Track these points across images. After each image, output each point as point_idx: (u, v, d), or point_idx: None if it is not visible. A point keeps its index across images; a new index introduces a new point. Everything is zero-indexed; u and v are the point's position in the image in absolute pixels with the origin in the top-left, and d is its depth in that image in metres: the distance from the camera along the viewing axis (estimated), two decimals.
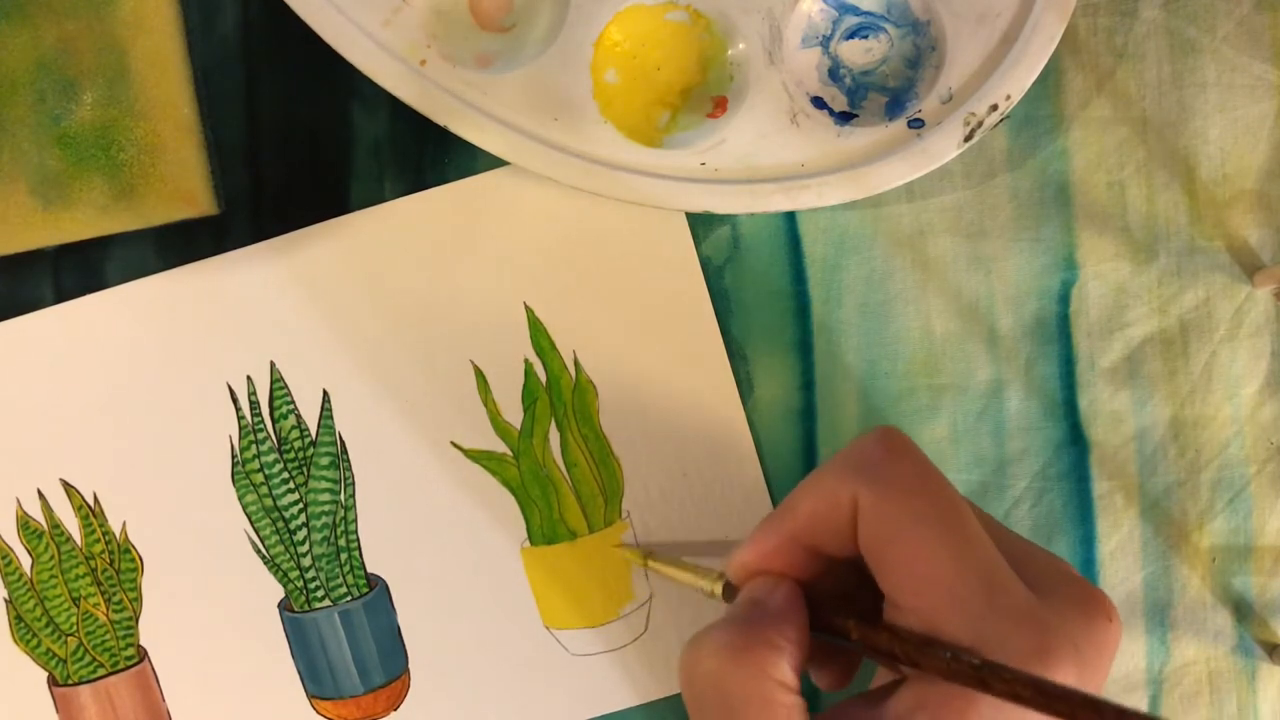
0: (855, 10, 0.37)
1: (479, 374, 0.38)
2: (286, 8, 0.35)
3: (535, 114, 0.36)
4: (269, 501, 0.38)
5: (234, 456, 0.38)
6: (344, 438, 0.38)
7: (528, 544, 0.38)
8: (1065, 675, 0.26)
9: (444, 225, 0.38)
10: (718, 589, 0.32)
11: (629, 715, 0.38)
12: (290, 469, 0.38)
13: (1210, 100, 0.38)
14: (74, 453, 0.38)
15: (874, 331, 0.38)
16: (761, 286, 0.38)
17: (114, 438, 0.38)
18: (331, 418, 0.38)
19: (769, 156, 0.36)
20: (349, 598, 0.38)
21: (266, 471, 0.38)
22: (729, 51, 0.37)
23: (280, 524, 0.38)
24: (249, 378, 0.38)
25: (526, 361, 0.38)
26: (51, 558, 0.38)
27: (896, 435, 0.29)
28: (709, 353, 0.38)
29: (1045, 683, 0.25)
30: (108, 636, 0.38)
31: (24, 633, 0.38)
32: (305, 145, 0.38)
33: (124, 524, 0.38)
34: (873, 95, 0.37)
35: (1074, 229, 0.38)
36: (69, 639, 0.38)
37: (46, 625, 0.38)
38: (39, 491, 0.38)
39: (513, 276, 0.38)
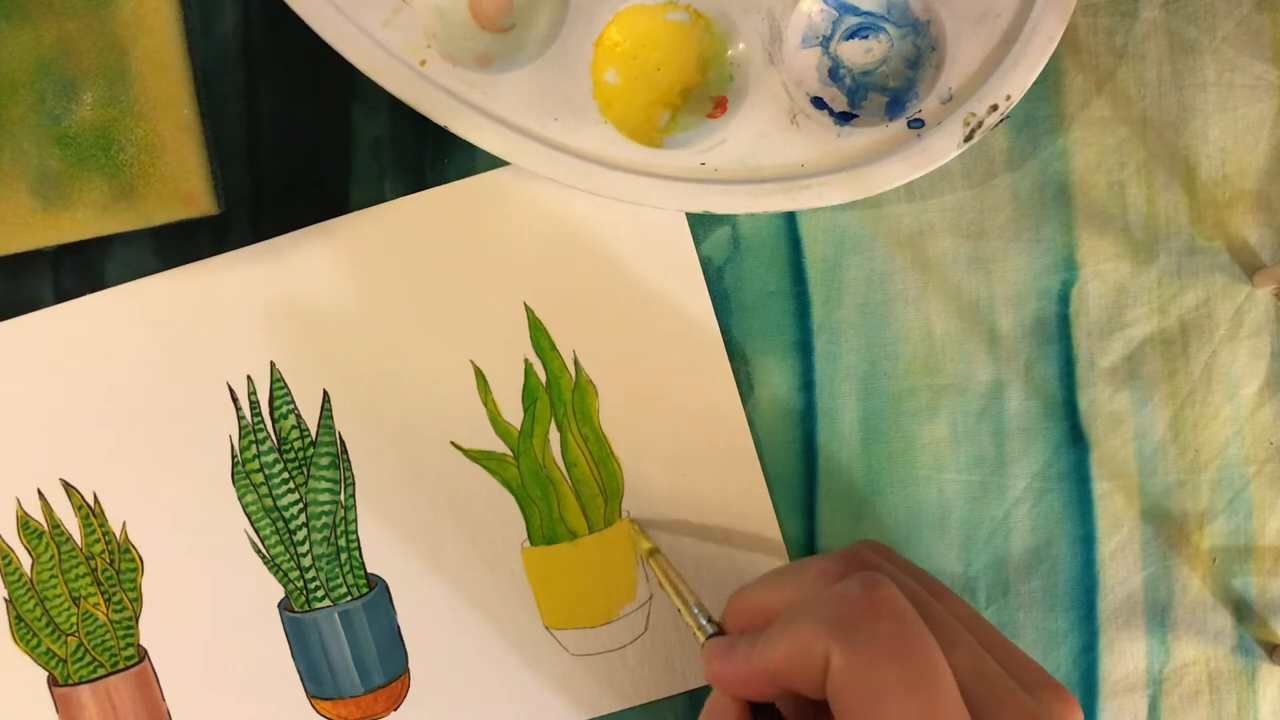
0: (855, 10, 0.37)
1: (479, 374, 0.38)
2: (286, 8, 0.35)
3: (535, 114, 0.36)
4: (269, 501, 0.38)
5: (234, 456, 0.38)
6: (344, 438, 0.38)
7: (528, 544, 0.38)
8: None
9: (444, 225, 0.38)
10: (702, 639, 0.32)
11: (629, 715, 0.38)
12: (290, 469, 0.38)
13: (1210, 100, 0.38)
14: (74, 453, 0.38)
15: (874, 331, 0.38)
16: (761, 286, 0.38)
17: (114, 438, 0.38)
18: (331, 418, 0.38)
19: (769, 156, 0.36)
20: (349, 598, 0.38)
21: (266, 471, 0.38)
22: (729, 51, 0.37)
23: (280, 524, 0.38)
24: (249, 378, 0.38)
25: (526, 361, 0.38)
26: (51, 558, 0.38)
27: (881, 588, 0.28)
28: (709, 353, 0.38)
29: None
30: (108, 636, 0.38)
31: (24, 633, 0.38)
32: (305, 145, 0.38)
33: (124, 524, 0.38)
34: (873, 95, 0.37)
35: (1074, 229, 0.38)
36: (69, 639, 0.38)
37: (46, 625, 0.38)
38: (39, 491, 0.38)
39: (513, 276, 0.38)
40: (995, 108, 0.36)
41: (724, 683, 0.30)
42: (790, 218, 0.38)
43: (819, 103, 0.37)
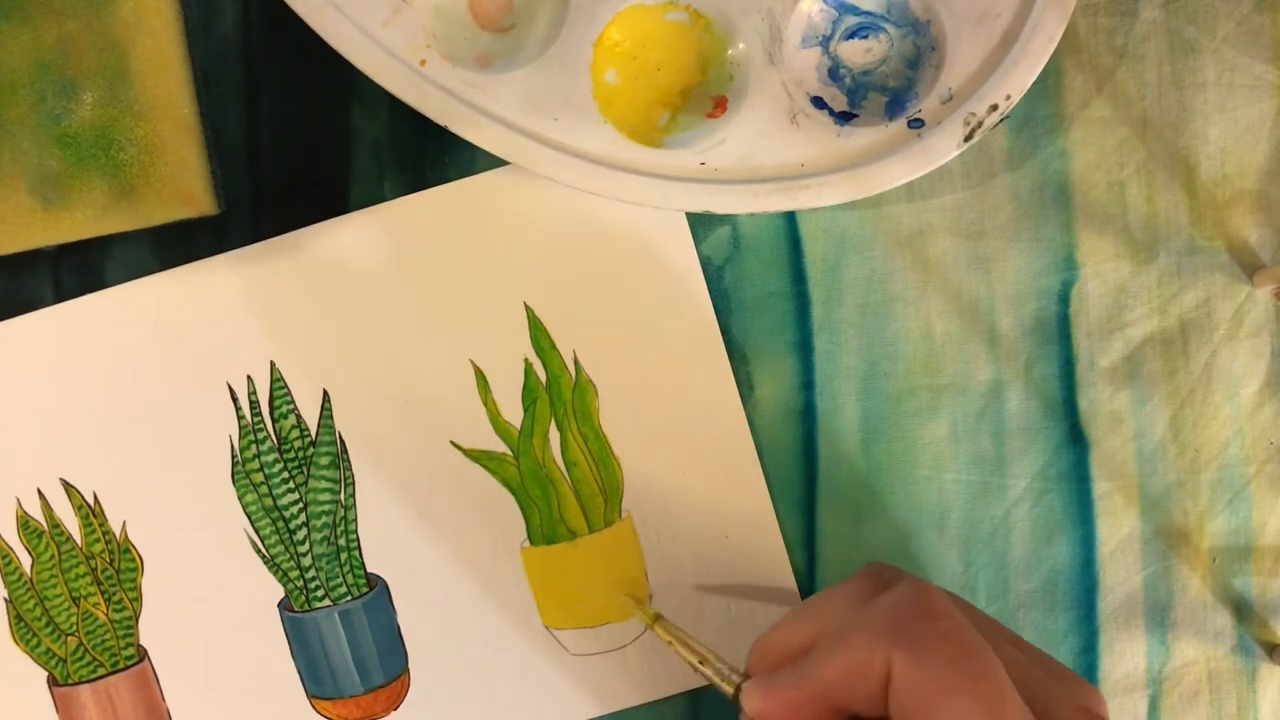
0: (855, 10, 0.37)
1: (479, 374, 0.38)
2: (286, 8, 0.35)
3: (535, 114, 0.36)
4: (269, 501, 0.38)
5: (234, 456, 0.38)
6: (344, 438, 0.38)
7: (528, 544, 0.38)
8: None
9: (444, 225, 0.38)
10: (730, 690, 0.31)
11: (629, 715, 0.38)
12: (290, 469, 0.38)
13: (1210, 100, 0.38)
14: (74, 453, 0.38)
15: (874, 331, 0.38)
16: (761, 286, 0.38)
17: (114, 438, 0.38)
18: (331, 418, 0.38)
19: (769, 156, 0.36)
20: (349, 597, 0.38)
21: (266, 471, 0.38)
22: (729, 51, 0.37)
23: (280, 524, 0.38)
24: (249, 378, 0.38)
25: (526, 361, 0.38)
26: (51, 557, 0.38)
27: (931, 593, 0.28)
28: (709, 353, 0.38)
29: None
30: (108, 636, 0.38)
31: (24, 633, 0.38)
32: (305, 145, 0.38)
33: (124, 524, 0.38)
34: (873, 95, 0.37)
35: (1074, 229, 0.38)
36: (69, 639, 0.38)
37: (46, 625, 0.38)
38: (39, 491, 0.38)
39: (513, 276, 0.38)
40: (995, 108, 0.36)
41: (772, 714, 0.29)
42: (790, 218, 0.38)
43: (819, 103, 0.37)
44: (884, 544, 0.38)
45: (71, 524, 0.38)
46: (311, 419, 0.38)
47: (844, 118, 0.37)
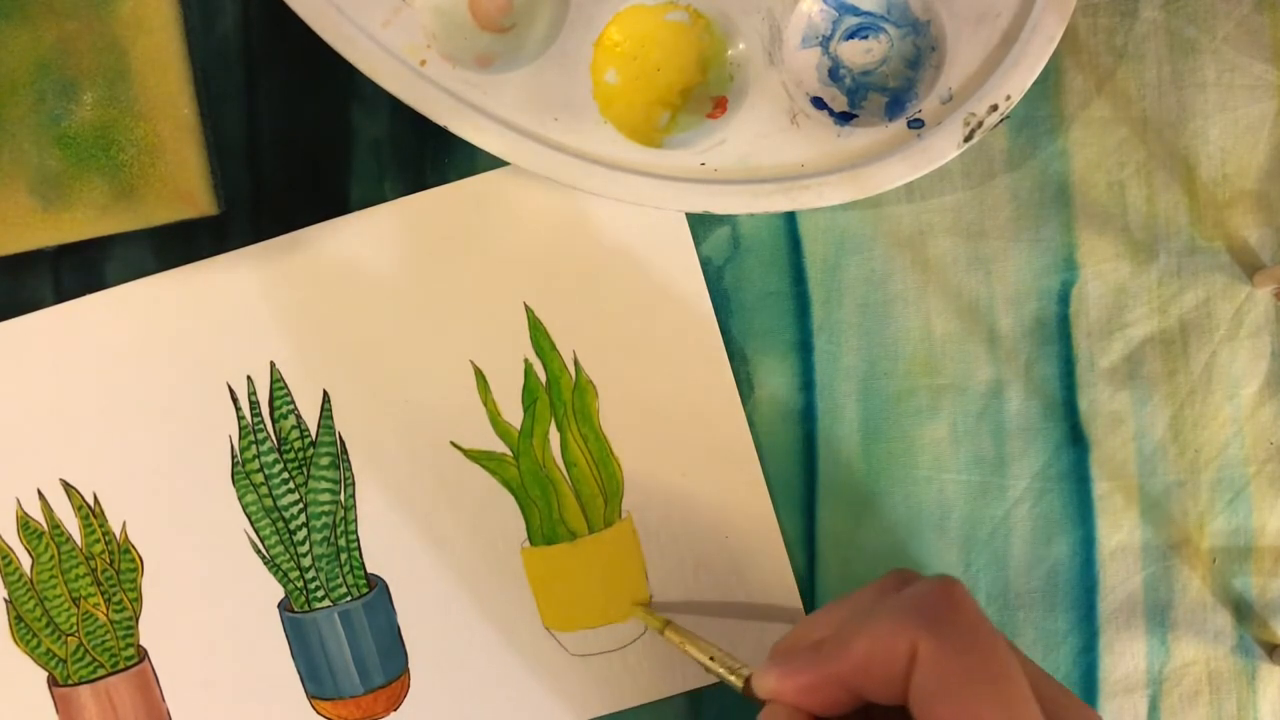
0: (855, 10, 0.37)
1: (479, 374, 0.38)
2: (286, 8, 0.35)
3: (535, 114, 0.36)
4: (269, 501, 0.38)
5: (234, 456, 0.38)
6: (344, 438, 0.38)
7: (528, 544, 0.38)
8: None
9: (444, 225, 0.38)
10: (739, 683, 0.31)
11: (629, 715, 0.38)
12: (290, 469, 0.38)
13: (1210, 100, 0.38)
14: (74, 453, 0.38)
15: (874, 331, 0.38)
16: (761, 286, 0.38)
17: (114, 438, 0.38)
18: (331, 418, 0.38)
19: (769, 156, 0.36)
20: (349, 598, 0.38)
21: (266, 471, 0.38)
22: (729, 51, 0.37)
23: (280, 524, 0.38)
24: (249, 378, 0.38)
25: (526, 361, 0.38)
26: (51, 558, 0.38)
27: (958, 586, 0.29)
28: (709, 353, 0.38)
29: None
30: (108, 636, 0.38)
31: (24, 633, 0.38)
32: (305, 145, 0.38)
33: (124, 524, 0.38)
34: (873, 95, 0.37)
35: (1074, 229, 0.38)
36: (69, 639, 0.38)
37: (46, 625, 0.38)
38: (39, 491, 0.38)
39: (513, 276, 0.38)
40: (995, 108, 0.36)
41: (787, 695, 0.29)
42: (790, 218, 0.38)
43: (819, 103, 0.37)
44: (884, 544, 0.38)
45: (71, 524, 0.38)
46: (311, 419, 0.38)
47: (844, 118, 0.37)
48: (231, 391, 0.38)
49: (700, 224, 0.38)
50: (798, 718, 0.29)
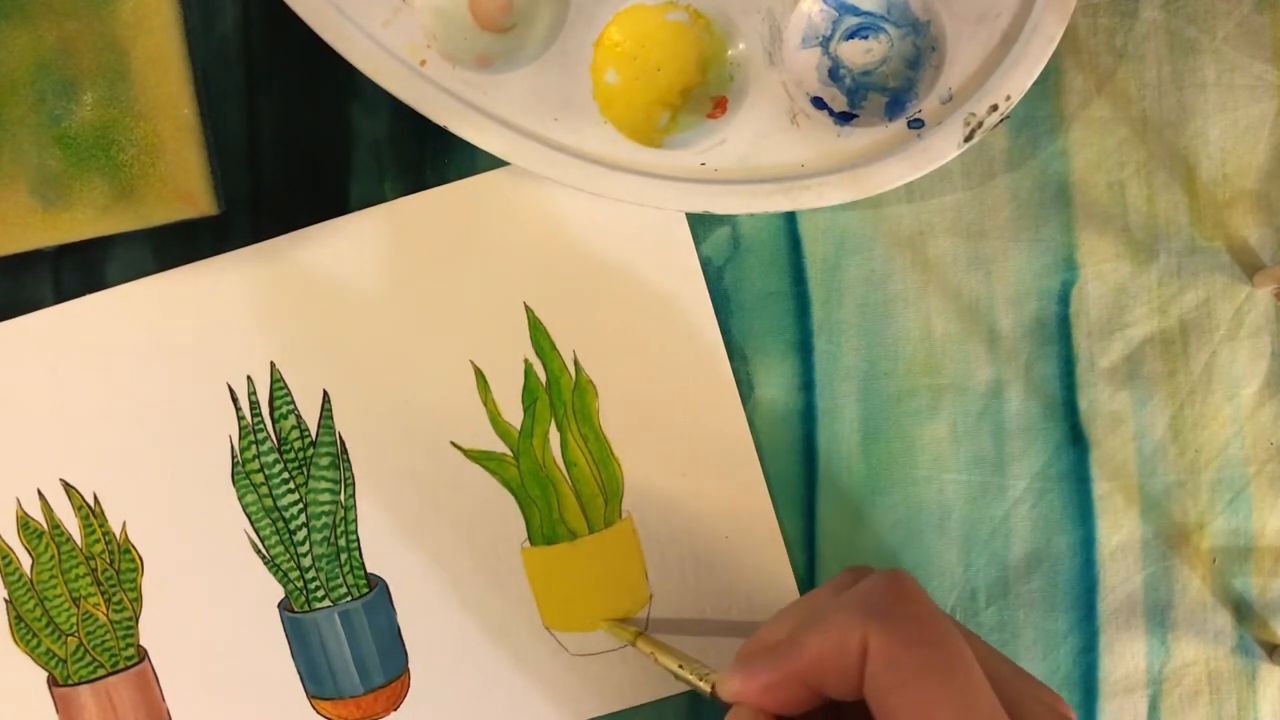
0: (855, 10, 0.37)
1: (479, 374, 0.38)
2: (286, 8, 0.35)
3: (535, 114, 0.36)
4: (269, 501, 0.38)
5: (234, 456, 0.38)
6: (344, 438, 0.38)
7: (527, 544, 0.38)
8: None
9: (444, 225, 0.38)
10: (707, 688, 0.32)
11: (629, 715, 0.38)
12: (290, 469, 0.38)
13: (1210, 100, 0.38)
14: (74, 453, 0.38)
15: (874, 331, 0.38)
16: (761, 286, 0.38)
17: (114, 438, 0.38)
18: (331, 418, 0.38)
19: (769, 157, 0.36)
20: (349, 598, 0.38)
21: (266, 471, 0.38)
22: (729, 51, 0.37)
23: (280, 524, 0.38)
24: (249, 378, 0.38)
25: (526, 361, 0.38)
26: (51, 558, 0.38)
27: (906, 578, 0.29)
28: (709, 353, 0.38)
29: None
30: (108, 636, 0.38)
31: (24, 633, 0.38)
32: (305, 145, 0.38)
33: (124, 524, 0.38)
34: (873, 95, 0.37)
35: (1074, 229, 0.38)
36: (69, 639, 0.38)
37: (46, 625, 0.38)
38: (39, 491, 0.38)
39: (513, 276, 0.38)
40: (995, 108, 0.36)
41: (750, 696, 0.30)
42: (790, 218, 0.38)
43: (819, 103, 0.37)
44: (884, 544, 0.38)
45: (71, 524, 0.38)
46: (311, 419, 0.38)
47: (844, 118, 0.37)
48: (231, 391, 0.38)
49: (700, 224, 0.38)
50: (761, 718, 0.30)
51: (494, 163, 0.37)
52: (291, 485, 0.38)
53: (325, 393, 0.38)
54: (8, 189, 0.35)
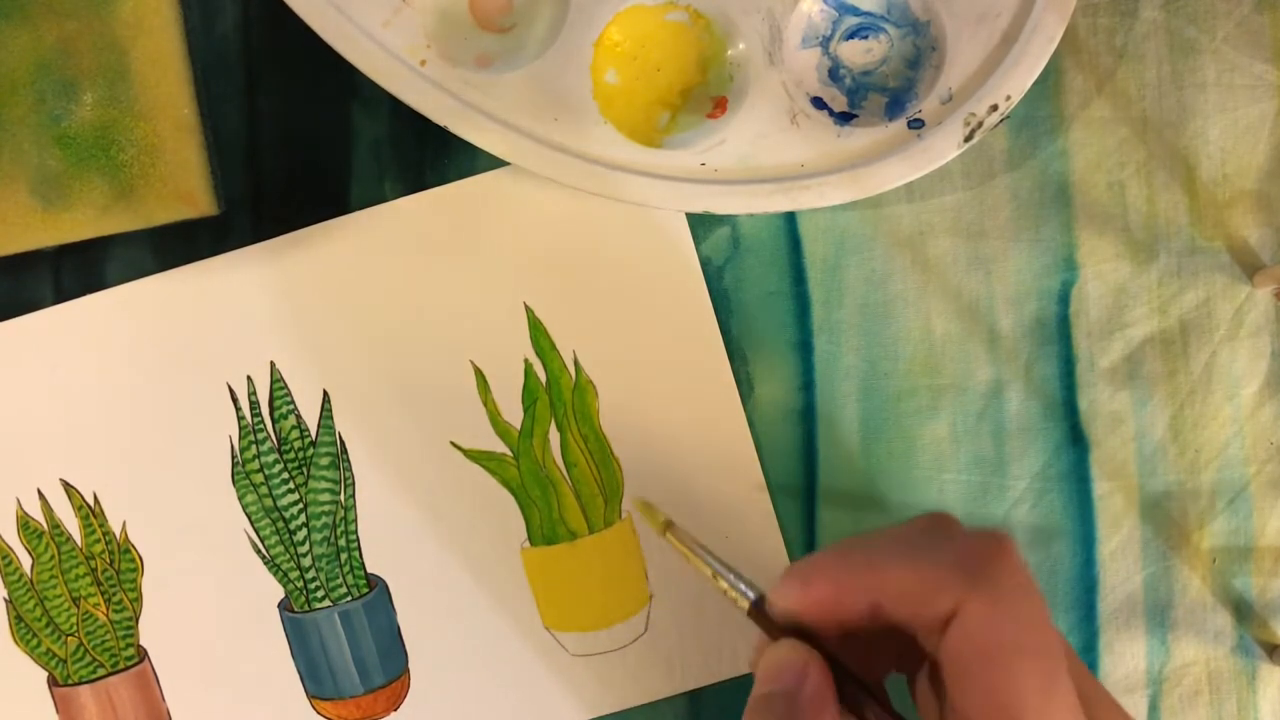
0: (855, 10, 0.37)
1: (479, 374, 0.38)
2: (286, 8, 0.35)
3: (535, 114, 0.36)
4: (269, 501, 0.38)
5: (234, 456, 0.38)
6: (344, 438, 0.38)
7: (527, 544, 0.38)
8: None
9: (444, 225, 0.38)
10: (745, 604, 0.30)
11: (629, 715, 0.38)
12: (290, 469, 0.38)
13: (1210, 100, 0.38)
14: (74, 453, 0.38)
15: (874, 331, 0.38)
16: (761, 286, 0.38)
17: (114, 438, 0.38)
18: (331, 418, 0.38)
19: (769, 157, 0.36)
20: (349, 598, 0.38)
21: (266, 471, 0.38)
22: (729, 52, 0.37)
23: (280, 524, 0.38)
24: (249, 378, 0.38)
25: (526, 361, 0.38)
26: (51, 558, 0.38)
27: (1011, 543, 0.28)
28: (709, 353, 0.38)
29: None
30: (108, 636, 0.38)
31: (24, 633, 0.38)
32: (305, 145, 0.38)
33: (124, 524, 0.38)
34: (873, 95, 0.37)
35: (1074, 229, 0.38)
36: (69, 639, 0.38)
37: (46, 625, 0.38)
38: (39, 491, 0.38)
39: (513, 276, 0.38)
40: (995, 108, 0.36)
41: (809, 606, 0.28)
42: (790, 218, 0.38)
43: (819, 103, 0.37)
44: None
45: (71, 524, 0.38)
46: (311, 419, 0.38)
47: (844, 118, 0.37)
48: (231, 391, 0.38)
49: (700, 224, 0.38)
50: (803, 664, 0.28)
51: (494, 163, 0.37)
52: (291, 485, 0.38)
53: (325, 393, 0.38)
54: (8, 189, 0.35)
